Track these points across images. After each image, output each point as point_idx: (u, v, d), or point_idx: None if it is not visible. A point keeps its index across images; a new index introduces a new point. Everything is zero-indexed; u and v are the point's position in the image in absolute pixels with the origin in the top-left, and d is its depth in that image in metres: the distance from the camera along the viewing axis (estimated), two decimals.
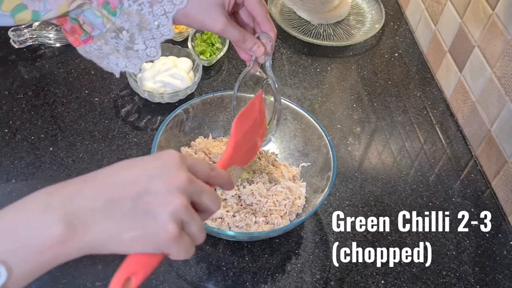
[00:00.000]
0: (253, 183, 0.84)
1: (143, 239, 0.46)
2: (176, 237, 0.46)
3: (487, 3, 0.93)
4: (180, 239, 0.47)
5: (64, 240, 0.43)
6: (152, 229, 0.46)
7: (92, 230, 0.44)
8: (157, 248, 0.47)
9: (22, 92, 1.02)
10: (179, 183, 0.47)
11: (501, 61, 0.89)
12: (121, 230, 0.45)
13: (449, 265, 0.82)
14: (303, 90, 1.09)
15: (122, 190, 0.46)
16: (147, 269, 0.48)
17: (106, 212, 0.45)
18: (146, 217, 0.46)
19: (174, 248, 0.47)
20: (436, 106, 1.08)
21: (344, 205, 0.89)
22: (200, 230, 0.49)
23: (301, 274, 0.79)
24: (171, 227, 0.46)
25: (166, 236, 0.46)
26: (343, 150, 0.98)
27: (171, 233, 0.46)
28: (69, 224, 0.43)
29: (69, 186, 0.46)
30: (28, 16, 0.61)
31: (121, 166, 0.49)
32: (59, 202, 0.45)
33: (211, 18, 0.66)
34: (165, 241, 0.46)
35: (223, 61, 1.12)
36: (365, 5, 1.29)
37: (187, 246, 0.48)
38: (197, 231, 0.49)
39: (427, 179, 0.94)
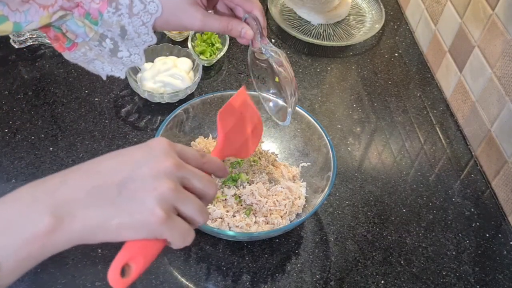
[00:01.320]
0: (253, 183, 0.84)
1: (130, 225, 0.45)
2: (164, 220, 0.45)
3: (487, 3, 0.93)
4: (170, 223, 0.46)
5: (52, 230, 0.43)
6: (139, 215, 0.45)
7: (78, 219, 0.44)
8: (148, 233, 0.46)
9: (22, 92, 1.02)
10: (166, 168, 0.47)
11: (501, 61, 0.89)
12: (107, 218, 0.45)
13: (449, 265, 0.82)
14: (303, 90, 1.09)
15: (107, 178, 0.46)
16: (146, 255, 0.47)
17: (92, 200, 0.45)
18: (132, 203, 0.45)
19: (166, 232, 0.46)
20: (436, 106, 1.08)
21: (344, 205, 0.89)
22: (198, 210, 0.48)
23: (301, 274, 0.79)
24: (158, 211, 0.45)
25: (154, 221, 0.45)
26: (343, 150, 0.98)
27: (159, 217, 0.45)
28: (55, 215, 0.43)
29: (54, 179, 0.46)
30: (9, 28, 0.61)
31: (107, 155, 0.49)
32: (45, 194, 0.44)
33: (187, 18, 0.66)
34: (154, 225, 0.45)
35: (223, 61, 1.12)
36: (365, 5, 1.29)
37: (181, 230, 0.47)
38: (193, 212, 0.48)
39: (427, 179, 0.94)
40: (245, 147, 0.70)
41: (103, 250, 0.79)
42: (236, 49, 1.15)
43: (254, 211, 0.81)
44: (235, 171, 0.85)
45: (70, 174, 0.46)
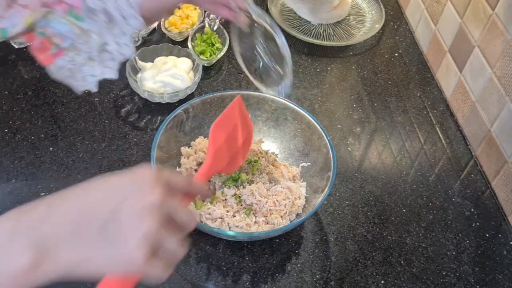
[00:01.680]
0: (253, 183, 0.84)
1: (112, 265, 0.45)
2: (146, 262, 0.44)
3: (487, 3, 0.93)
4: (151, 263, 0.45)
5: (33, 267, 0.42)
6: (121, 255, 0.44)
7: (60, 256, 0.43)
8: (128, 271, 0.46)
9: (22, 92, 1.02)
10: (151, 202, 0.45)
11: (501, 61, 0.89)
12: (89, 256, 0.44)
13: (449, 265, 0.82)
14: (303, 90, 1.09)
15: (91, 215, 0.45)
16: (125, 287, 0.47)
17: (74, 238, 0.44)
18: (114, 243, 0.44)
19: (147, 271, 0.45)
20: (436, 106, 1.08)
21: (344, 205, 0.89)
22: (179, 246, 0.47)
23: (301, 274, 0.79)
24: (141, 253, 0.44)
25: (136, 262, 0.44)
26: (343, 150, 0.98)
27: (141, 259, 0.44)
28: (36, 251, 0.42)
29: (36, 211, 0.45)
30: None
31: (91, 185, 0.47)
32: (26, 229, 0.43)
33: None
34: (135, 266, 0.45)
35: (223, 61, 1.12)
36: (365, 5, 1.29)
37: (161, 267, 0.46)
38: (174, 249, 0.47)
39: (427, 179, 0.94)
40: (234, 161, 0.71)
41: None
42: None
43: (254, 211, 0.81)
44: (235, 171, 0.85)
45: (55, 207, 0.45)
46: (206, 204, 0.81)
